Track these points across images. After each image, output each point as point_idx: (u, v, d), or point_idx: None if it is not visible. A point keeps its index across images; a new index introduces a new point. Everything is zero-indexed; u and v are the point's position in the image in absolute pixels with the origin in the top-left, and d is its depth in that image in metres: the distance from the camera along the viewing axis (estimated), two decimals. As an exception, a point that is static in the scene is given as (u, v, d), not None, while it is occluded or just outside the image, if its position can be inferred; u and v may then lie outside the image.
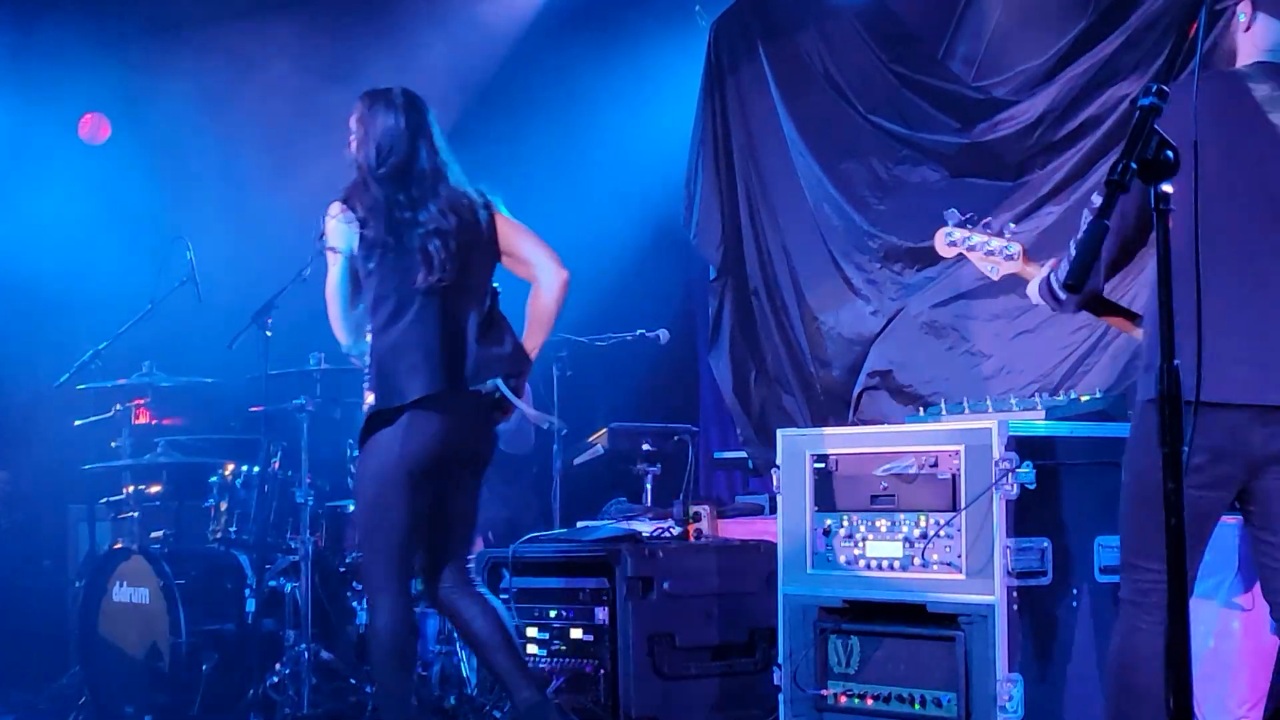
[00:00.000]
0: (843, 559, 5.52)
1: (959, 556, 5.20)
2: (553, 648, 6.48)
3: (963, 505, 5.19)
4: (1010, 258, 4.96)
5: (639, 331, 7.39)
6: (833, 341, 7.85)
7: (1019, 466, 5.11)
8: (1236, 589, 5.47)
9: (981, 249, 5.00)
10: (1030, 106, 7.09)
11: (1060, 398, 5.57)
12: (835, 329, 7.85)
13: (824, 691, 5.52)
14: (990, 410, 5.48)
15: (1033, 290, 4.61)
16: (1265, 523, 4.15)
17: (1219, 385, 3.81)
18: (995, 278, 5.05)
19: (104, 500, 8.24)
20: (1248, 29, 4.28)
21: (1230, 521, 5.51)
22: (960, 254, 5.09)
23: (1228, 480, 4.07)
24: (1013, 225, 5.11)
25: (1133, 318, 4.61)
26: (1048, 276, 4.52)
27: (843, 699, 5.48)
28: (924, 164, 7.56)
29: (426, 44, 9.15)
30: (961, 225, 5.05)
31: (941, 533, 5.24)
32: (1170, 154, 3.11)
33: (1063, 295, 4.46)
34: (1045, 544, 5.20)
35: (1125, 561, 4.23)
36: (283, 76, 9.28)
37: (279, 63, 9.28)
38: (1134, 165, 3.09)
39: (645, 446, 7.15)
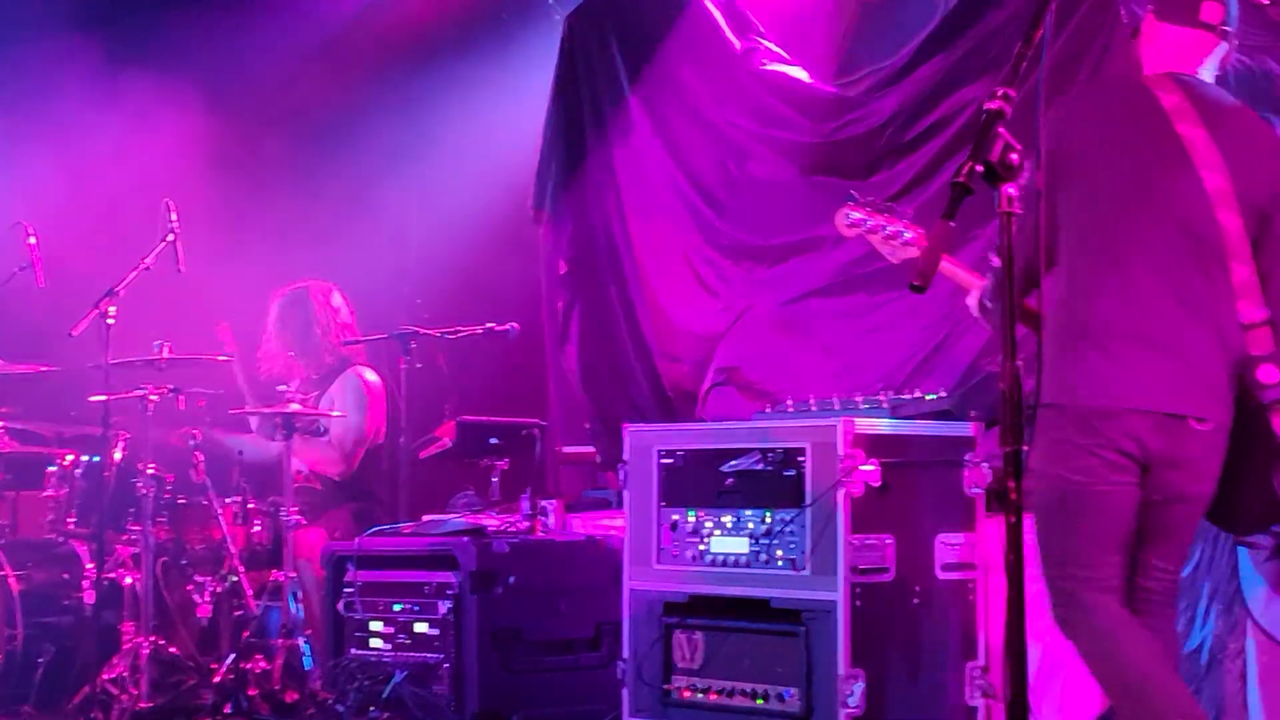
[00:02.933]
0: (688, 554, 5.55)
1: (803, 553, 5.24)
2: (397, 641, 6.45)
3: (808, 502, 5.23)
4: (908, 243, 4.95)
5: (488, 325, 7.37)
6: (682, 337, 7.87)
7: (864, 464, 5.17)
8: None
9: (881, 232, 4.99)
10: (880, 107, 7.16)
11: (905, 396, 5.63)
12: (684, 325, 7.87)
13: (668, 686, 5.55)
14: (837, 408, 5.53)
15: (973, 304, 4.54)
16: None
17: (1127, 391, 3.91)
18: (895, 260, 5.05)
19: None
20: (1151, 39, 4.30)
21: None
22: (860, 234, 5.06)
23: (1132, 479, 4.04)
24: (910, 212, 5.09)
25: None
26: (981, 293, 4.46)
27: (686, 693, 5.51)
28: (775, 162, 7.60)
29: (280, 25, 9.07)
30: (862, 207, 5.05)
31: (786, 529, 5.28)
32: (1015, 157, 3.16)
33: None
34: (889, 541, 5.26)
35: (1076, 574, 4.04)
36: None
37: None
38: (979, 168, 3.14)
39: (493, 440, 7.13)
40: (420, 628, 6.37)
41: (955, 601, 5.46)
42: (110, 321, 7.00)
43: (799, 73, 7.60)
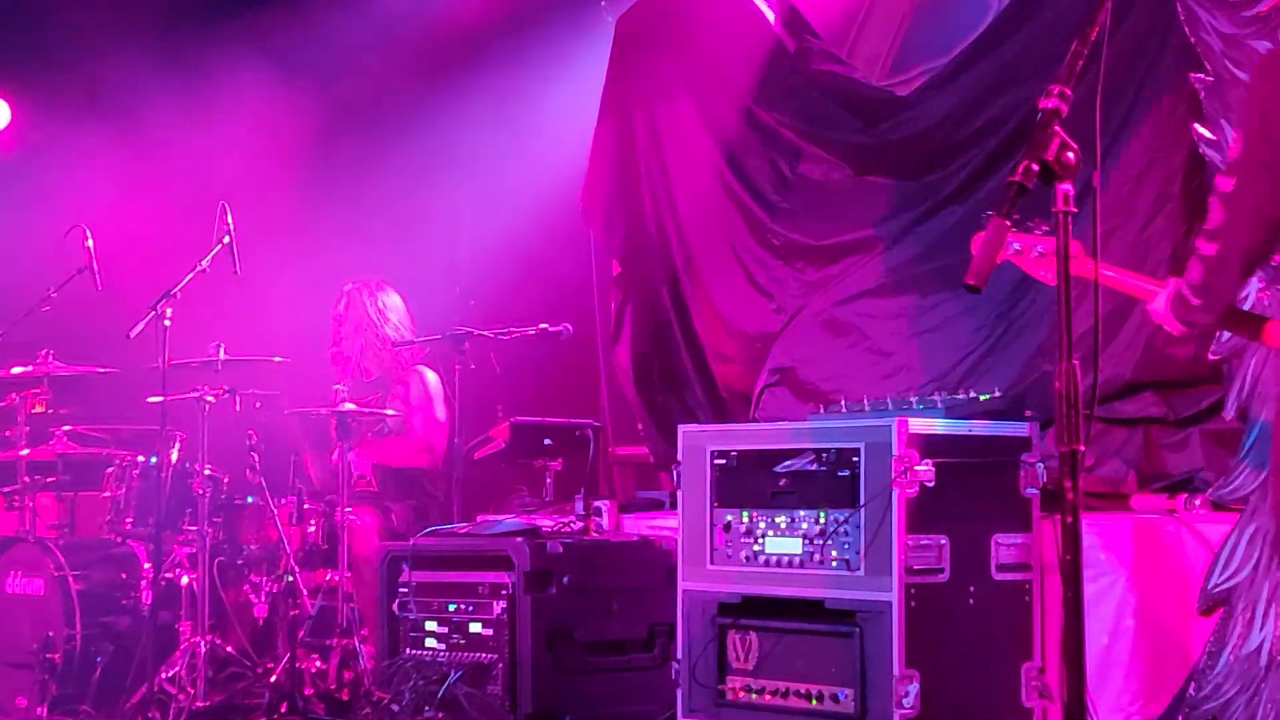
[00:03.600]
0: (742, 555, 5.55)
1: (857, 553, 5.24)
2: (452, 641, 6.46)
3: (862, 502, 5.22)
4: (1042, 255, 4.50)
5: (541, 325, 7.37)
6: (734, 337, 7.87)
7: (918, 464, 5.15)
8: (1132, 588, 5.54)
9: (1033, 253, 4.53)
10: (933, 106, 7.13)
11: (960, 396, 5.61)
12: (737, 325, 7.87)
13: (722, 686, 5.55)
14: (891, 408, 5.52)
15: (1160, 309, 4.18)
16: None
17: None
18: (1051, 282, 4.60)
19: (-1, 491, 8.13)
20: None
21: (1149, 518, 5.62)
22: (1012, 258, 4.56)
23: None
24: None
25: (1256, 326, 4.27)
26: (1177, 292, 4.09)
27: (741, 694, 5.51)
28: (827, 162, 7.59)
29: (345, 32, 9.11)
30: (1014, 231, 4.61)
31: (840, 529, 5.27)
32: (1070, 156, 3.15)
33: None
34: (943, 541, 5.25)
35: None
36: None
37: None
38: (1035, 166, 3.12)
39: (546, 441, 7.14)
40: (475, 628, 6.39)
41: (1011, 602, 5.44)
42: (167, 324, 7.04)
43: (852, 72, 7.59)
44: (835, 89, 7.57)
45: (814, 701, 5.32)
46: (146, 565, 7.45)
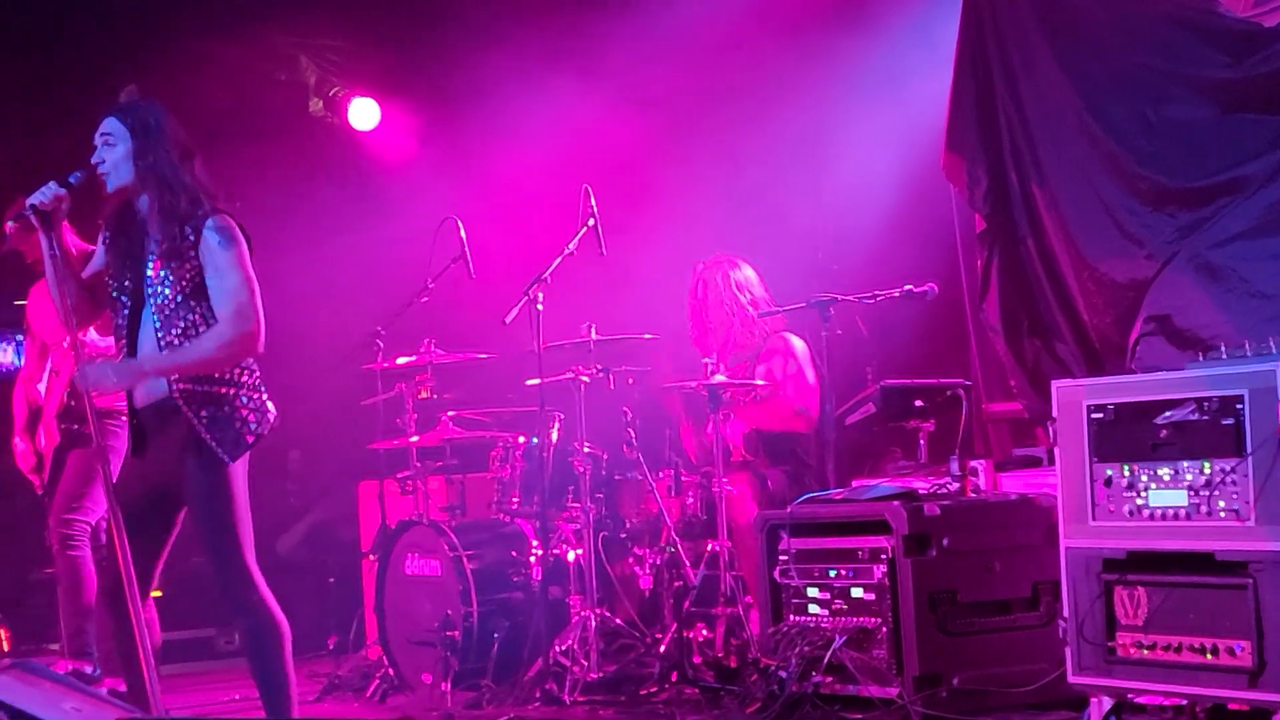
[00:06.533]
0: (1125, 509, 5.45)
1: (1246, 503, 5.09)
2: (834, 607, 6.51)
3: (1249, 450, 5.07)
4: None
5: (906, 287, 7.33)
6: (1106, 288, 7.70)
7: (1306, 408, 4.98)
8: None
9: None
10: (1304, 35, 6.86)
11: (1348, 336, 5.39)
12: (1108, 275, 7.70)
13: (1111, 643, 5.46)
14: (1275, 352, 5.33)
15: None
16: None
17: None
18: None
19: (393, 476, 8.49)
20: None
21: None
22: None
23: None
24: None
25: None
26: None
27: (1132, 650, 5.41)
28: (1192, 102, 7.35)
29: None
30: None
31: (1227, 479, 5.13)
32: None
33: None
34: (1337, 486, 5.06)
35: None
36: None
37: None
38: None
39: (917, 403, 7.13)
40: (856, 593, 6.42)
41: None
42: (540, 308, 7.26)
43: (1214, 6, 7.34)
44: (1197, 25, 7.32)
45: (1209, 655, 5.20)
46: (534, 542, 7.70)
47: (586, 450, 7.40)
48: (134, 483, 5.46)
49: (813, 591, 6.61)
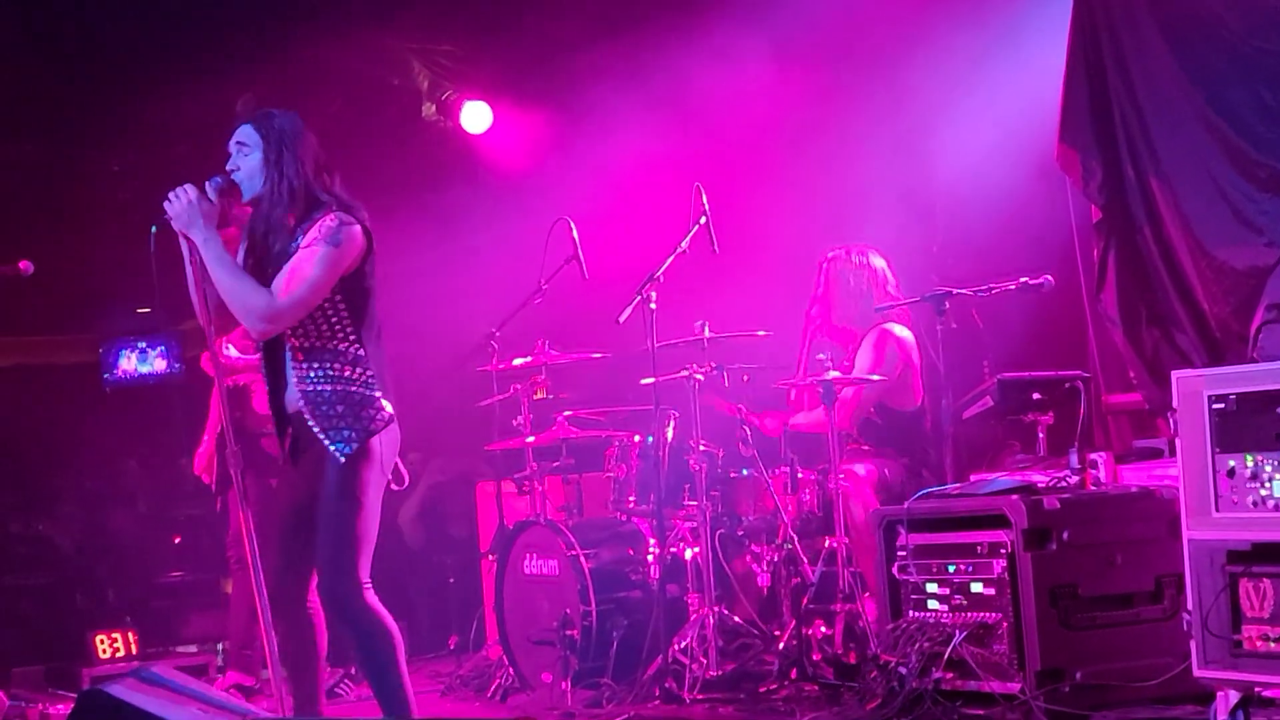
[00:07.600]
0: (1249, 500, 5.37)
1: (1375, 492, 5.01)
2: (953, 602, 6.47)
3: (1376, 438, 4.99)
4: None
5: (1022, 279, 7.27)
6: (1225, 276, 7.60)
7: None
8: None
9: None
10: None
11: None
12: (1227, 263, 7.60)
13: (1238, 636, 5.39)
14: (1401, 338, 5.26)
15: None
16: None
17: None
18: None
19: (510, 476, 8.55)
20: None
21: None
22: None
23: None
24: None
25: None
26: None
27: (1259, 643, 5.34)
28: (1312, 84, 7.25)
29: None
30: None
31: (1356, 468, 5.05)
32: None
33: None
34: None
35: None
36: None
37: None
38: None
39: (1035, 396, 7.06)
40: (976, 588, 6.38)
41: None
42: (653, 306, 7.27)
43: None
44: (1318, 7, 7.22)
45: (1337, 648, 5.13)
46: (651, 541, 7.71)
47: (702, 448, 7.41)
48: (285, 490, 5.56)
49: (932, 587, 6.58)
